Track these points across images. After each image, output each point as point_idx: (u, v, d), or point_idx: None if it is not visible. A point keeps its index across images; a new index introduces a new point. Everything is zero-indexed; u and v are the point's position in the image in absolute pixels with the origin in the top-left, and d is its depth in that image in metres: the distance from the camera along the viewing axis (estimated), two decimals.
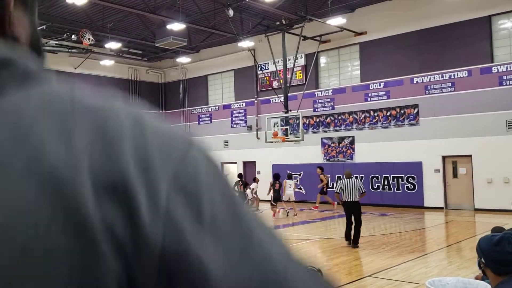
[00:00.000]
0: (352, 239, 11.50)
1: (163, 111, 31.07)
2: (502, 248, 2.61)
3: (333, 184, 21.64)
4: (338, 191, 11.74)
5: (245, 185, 19.43)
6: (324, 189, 19.97)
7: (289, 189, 18.79)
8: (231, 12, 18.81)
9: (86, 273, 0.37)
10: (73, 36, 20.26)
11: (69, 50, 22.69)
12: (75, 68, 26.34)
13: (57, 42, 21.60)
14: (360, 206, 11.62)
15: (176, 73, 30.26)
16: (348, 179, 11.66)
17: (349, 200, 11.50)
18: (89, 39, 19.69)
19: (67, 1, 17.85)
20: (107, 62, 26.56)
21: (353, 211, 11.48)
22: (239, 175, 20.42)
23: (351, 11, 21.60)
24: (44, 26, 19.68)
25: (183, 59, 27.58)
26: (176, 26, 20.19)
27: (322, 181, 20.01)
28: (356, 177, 13.06)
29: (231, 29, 21.62)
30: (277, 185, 18.76)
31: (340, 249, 11.37)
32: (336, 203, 19.14)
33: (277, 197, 18.59)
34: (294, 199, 18.97)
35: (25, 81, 0.44)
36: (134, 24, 23.33)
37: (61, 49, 22.34)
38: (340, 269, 9.18)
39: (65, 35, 20.69)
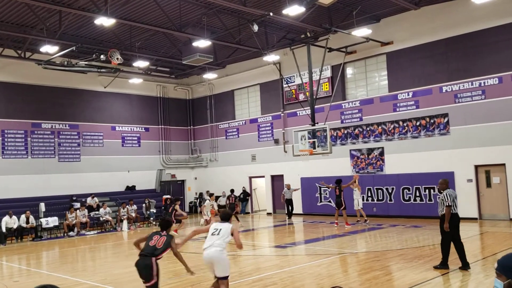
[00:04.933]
0: (462, 260, 9.99)
1: (191, 126, 31.37)
2: None
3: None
4: (451, 204, 9.90)
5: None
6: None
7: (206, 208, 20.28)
8: (255, 27, 18.92)
9: None
10: (102, 56, 20.68)
11: (99, 70, 23.18)
12: (104, 87, 26.91)
13: (86, 62, 22.10)
14: None
15: (203, 89, 30.57)
16: (450, 189, 10.17)
17: (456, 211, 9.99)
18: (117, 58, 20.06)
19: (95, 22, 18.31)
20: (136, 80, 27.05)
21: (458, 225, 10.05)
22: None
23: (376, 22, 21.47)
24: (73, 47, 20.19)
25: (209, 75, 27.90)
26: (202, 43, 20.44)
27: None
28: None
29: (256, 44, 21.75)
30: (337, 190, 19.07)
31: (371, 263, 11.17)
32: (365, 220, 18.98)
33: (338, 203, 18.93)
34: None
35: None
36: (161, 43, 23.73)
37: (91, 69, 22.84)
38: (371, 285, 9.01)
39: (94, 55, 21.17)
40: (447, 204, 9.85)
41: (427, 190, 20.24)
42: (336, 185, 19.26)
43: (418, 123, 20.69)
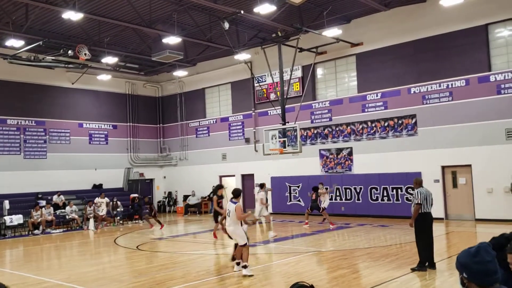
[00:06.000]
0: (430, 259, 10.00)
1: (161, 124, 31.02)
2: (481, 258, 2.60)
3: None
4: (421, 202, 9.89)
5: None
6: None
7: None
8: (226, 25, 18.81)
9: None
10: (69, 52, 20.23)
11: (66, 66, 22.66)
12: (72, 84, 26.35)
13: (53, 57, 21.57)
14: None
15: (173, 86, 30.26)
16: (423, 188, 10.16)
17: (427, 211, 9.98)
18: (85, 54, 19.66)
19: (63, 17, 17.86)
20: (104, 77, 26.54)
21: (431, 224, 10.08)
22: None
23: (347, 22, 21.64)
24: (40, 42, 19.67)
25: (180, 73, 27.58)
26: (172, 40, 20.19)
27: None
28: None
29: (227, 42, 21.64)
30: (314, 195, 19.10)
31: (339, 261, 11.22)
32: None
33: (314, 207, 18.92)
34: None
35: None
36: (131, 39, 23.37)
37: (58, 65, 22.31)
38: (339, 283, 9.04)
39: (61, 50, 20.66)
40: (416, 202, 9.90)
41: (394, 190, 20.50)
42: (314, 192, 19.35)
43: (386, 124, 20.94)
